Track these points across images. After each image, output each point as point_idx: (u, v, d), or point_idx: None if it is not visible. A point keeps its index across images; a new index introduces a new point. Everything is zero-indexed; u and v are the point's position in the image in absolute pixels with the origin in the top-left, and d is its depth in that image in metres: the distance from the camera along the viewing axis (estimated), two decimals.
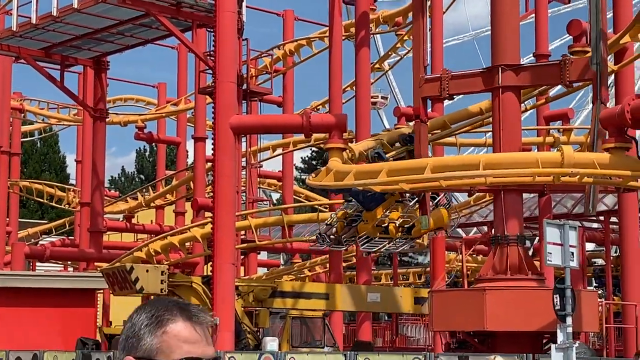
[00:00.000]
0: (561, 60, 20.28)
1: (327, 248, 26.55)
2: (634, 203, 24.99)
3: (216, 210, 21.19)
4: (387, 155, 23.65)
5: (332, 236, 24.71)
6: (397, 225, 22.84)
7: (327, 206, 35.35)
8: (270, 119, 28.29)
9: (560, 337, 12.81)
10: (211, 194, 27.73)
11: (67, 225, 56.21)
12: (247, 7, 34.29)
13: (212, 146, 21.91)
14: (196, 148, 39.55)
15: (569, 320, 12.99)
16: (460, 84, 21.70)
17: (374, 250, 25.30)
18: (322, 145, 28.00)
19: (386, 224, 22.92)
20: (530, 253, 32.77)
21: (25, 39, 34.03)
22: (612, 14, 26.59)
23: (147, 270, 24.04)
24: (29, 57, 35.50)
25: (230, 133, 21.24)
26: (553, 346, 12.84)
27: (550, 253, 12.66)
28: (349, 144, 23.06)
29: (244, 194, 36.61)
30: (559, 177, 18.77)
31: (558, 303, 13.12)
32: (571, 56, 20.95)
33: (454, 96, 23.27)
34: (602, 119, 19.03)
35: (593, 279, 44.99)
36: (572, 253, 13.58)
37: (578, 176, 18.65)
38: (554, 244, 12.80)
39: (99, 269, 29.77)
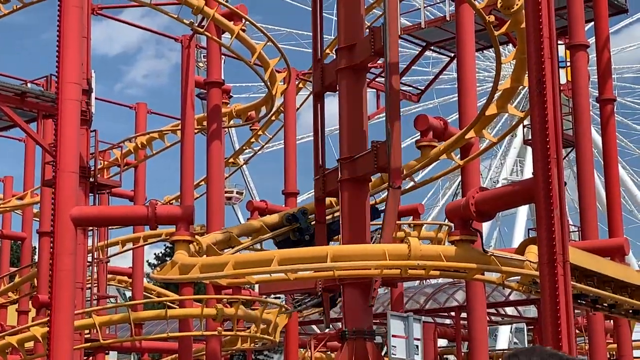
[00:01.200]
0: (372, 148, 20.38)
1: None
2: (482, 298, 25.08)
3: (53, 307, 20.23)
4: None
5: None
6: None
7: (178, 302, 34.50)
8: (115, 210, 27.53)
9: None
10: None
11: None
12: (97, 99, 33.61)
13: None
14: (41, 243, 37.99)
15: None
16: (329, 181, 21.65)
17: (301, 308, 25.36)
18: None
19: None
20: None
21: None
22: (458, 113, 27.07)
23: None
24: None
25: (70, 225, 20.42)
26: None
27: (395, 346, 12.44)
28: (197, 237, 22.47)
29: (91, 290, 35.63)
30: (407, 270, 18.65)
31: None
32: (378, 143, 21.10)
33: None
34: (447, 212, 19.14)
35: None
36: (417, 346, 13.36)
37: (425, 269, 18.63)
38: (398, 336, 12.58)
39: None
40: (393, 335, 12.18)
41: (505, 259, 19.67)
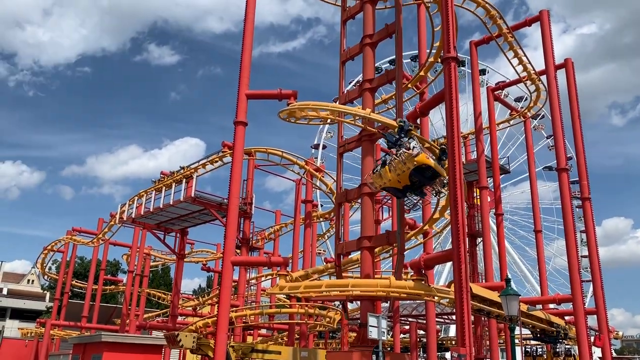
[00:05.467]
0: (385, 233, 18.94)
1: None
2: (433, 309, 23.08)
3: (220, 306, 19.43)
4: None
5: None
6: None
7: (289, 305, 33.11)
8: (251, 258, 26.89)
9: None
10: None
11: (167, 313, 53.53)
12: (255, 207, 33.38)
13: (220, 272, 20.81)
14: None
15: None
16: (349, 246, 20.14)
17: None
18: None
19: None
20: None
21: (148, 219, 32.94)
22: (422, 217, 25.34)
23: (186, 335, 21.93)
24: (149, 228, 34.33)
25: (230, 265, 19.83)
26: None
27: (371, 331, 11.34)
28: (290, 273, 21.37)
29: (248, 298, 34.84)
30: (389, 293, 17.32)
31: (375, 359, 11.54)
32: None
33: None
34: (410, 265, 17.82)
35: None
36: (384, 331, 12.17)
37: (398, 293, 17.28)
38: (373, 326, 11.47)
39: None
40: (370, 325, 11.06)
41: (440, 289, 18.24)
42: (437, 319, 33.49)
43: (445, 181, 15.31)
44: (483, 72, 63.00)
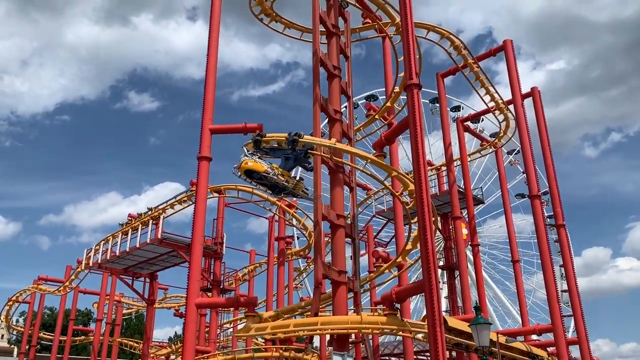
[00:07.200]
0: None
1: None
2: (410, 344, 22.06)
3: (184, 352, 18.06)
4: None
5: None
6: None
7: (264, 349, 31.71)
8: (217, 300, 25.58)
9: None
10: None
11: None
12: (226, 247, 32.39)
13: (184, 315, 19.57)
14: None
15: None
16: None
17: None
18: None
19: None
20: None
21: (115, 264, 31.66)
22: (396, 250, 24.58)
23: None
24: (117, 273, 32.97)
25: (194, 307, 18.56)
26: None
27: None
28: (258, 312, 20.12)
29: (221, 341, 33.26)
30: (360, 330, 16.43)
31: None
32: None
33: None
34: (381, 298, 16.94)
35: None
36: None
37: (370, 329, 16.37)
38: None
39: None
40: None
41: (414, 323, 17.37)
42: (420, 357, 32.34)
43: (269, 174, 16.17)
44: (458, 108, 63.51)
